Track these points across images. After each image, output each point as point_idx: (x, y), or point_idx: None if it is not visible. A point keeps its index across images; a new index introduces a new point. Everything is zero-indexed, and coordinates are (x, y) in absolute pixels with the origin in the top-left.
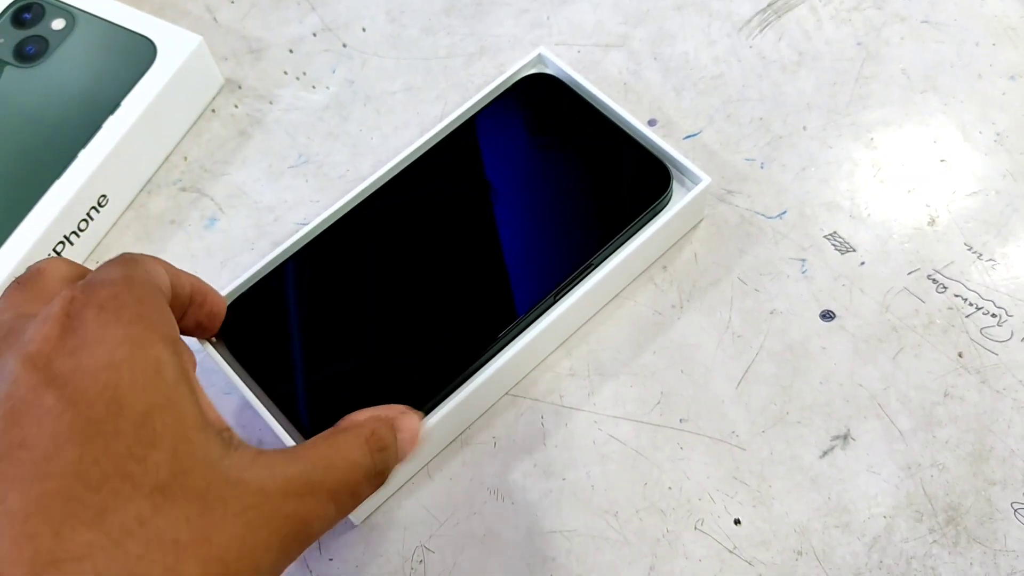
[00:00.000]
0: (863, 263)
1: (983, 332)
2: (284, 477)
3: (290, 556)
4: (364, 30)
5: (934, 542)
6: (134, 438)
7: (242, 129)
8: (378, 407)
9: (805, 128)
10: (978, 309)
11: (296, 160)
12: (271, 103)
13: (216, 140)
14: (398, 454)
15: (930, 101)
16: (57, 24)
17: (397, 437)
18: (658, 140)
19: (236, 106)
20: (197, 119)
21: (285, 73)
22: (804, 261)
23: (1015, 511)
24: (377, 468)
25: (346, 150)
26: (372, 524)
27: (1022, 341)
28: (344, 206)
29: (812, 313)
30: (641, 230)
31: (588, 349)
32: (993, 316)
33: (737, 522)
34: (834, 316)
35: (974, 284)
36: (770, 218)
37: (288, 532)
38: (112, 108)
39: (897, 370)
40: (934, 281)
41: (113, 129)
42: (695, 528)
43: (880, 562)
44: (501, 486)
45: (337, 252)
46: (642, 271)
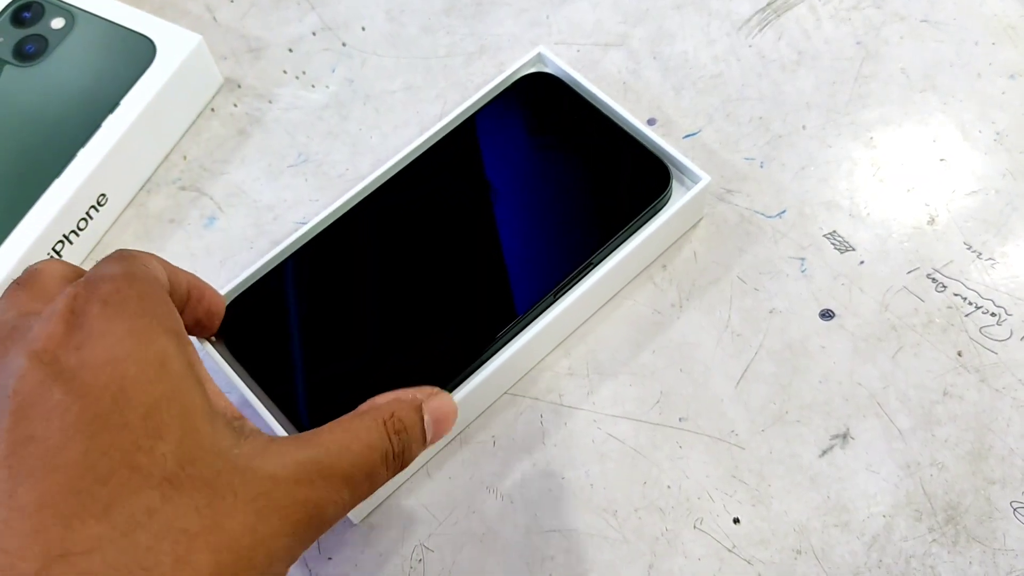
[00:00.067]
0: (862, 262)
1: (982, 331)
2: (295, 463)
3: (304, 542)
4: (364, 29)
5: (933, 541)
6: (141, 430)
7: (241, 128)
8: (404, 389)
9: (804, 127)
10: (977, 308)
11: (295, 159)
12: (270, 102)
13: (215, 139)
14: (425, 436)
15: (929, 100)
16: (56, 23)
17: (424, 419)
18: (657, 139)
19: (235, 105)
20: (196, 118)
21: (284, 72)
22: (803, 260)
23: (1014, 510)
24: (395, 451)
25: (345, 149)
26: (371, 523)
27: (1021, 340)
28: (343, 205)
29: (811, 312)
30: (640, 229)
31: (587, 348)
32: (992, 315)
33: (736, 521)
34: (833, 315)
35: (973, 283)
36: (769, 217)
37: (300, 518)
38: (111, 107)
39: (896, 369)
40: (933, 280)
41: (112, 128)
42: (694, 527)
43: (879, 561)
44: (500, 485)
45: (336, 251)
46: (641, 270)
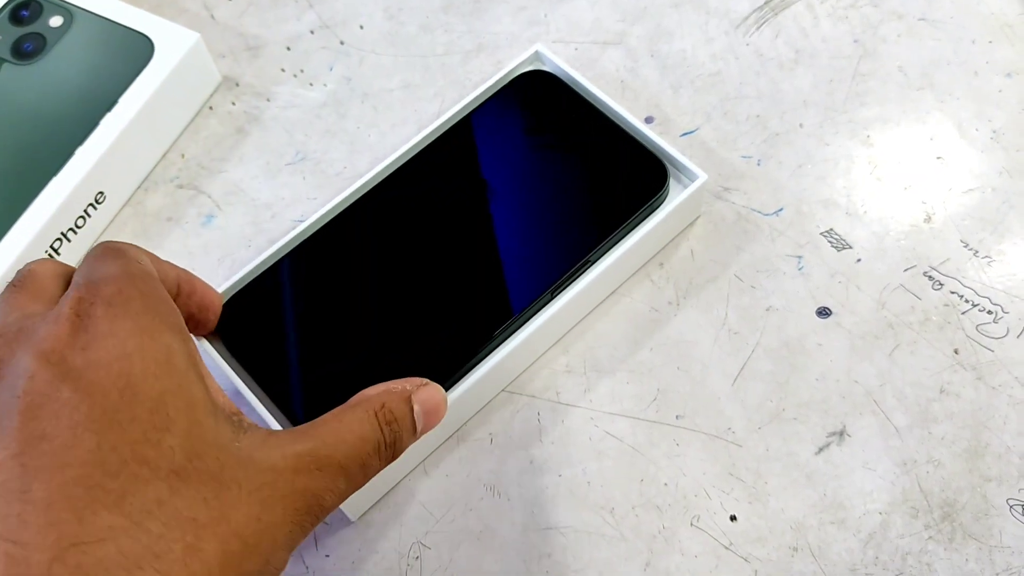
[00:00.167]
0: (859, 260)
1: (979, 329)
2: (294, 455)
3: (304, 530)
4: (362, 27)
5: (930, 538)
6: (149, 423)
7: (239, 126)
8: (393, 380)
9: (802, 125)
10: (974, 306)
11: (293, 157)
12: (268, 100)
13: (213, 137)
14: (416, 426)
15: (927, 98)
16: (55, 21)
17: (414, 410)
18: (655, 137)
19: (233, 103)
20: (194, 116)
21: (282, 70)
22: (800, 258)
23: (1010, 507)
24: (387, 441)
25: (343, 147)
26: (368, 520)
27: (1018, 338)
28: (341, 203)
29: (808, 310)
30: (638, 227)
31: (585, 346)
32: (989, 313)
33: (733, 518)
34: (830, 313)
35: (970, 281)
36: (767, 215)
37: (301, 507)
38: (109, 105)
39: (893, 367)
40: (930, 278)
41: (110, 126)
42: (691, 524)
43: (876, 558)
44: (497, 482)
45: (334, 249)
46: (639, 268)
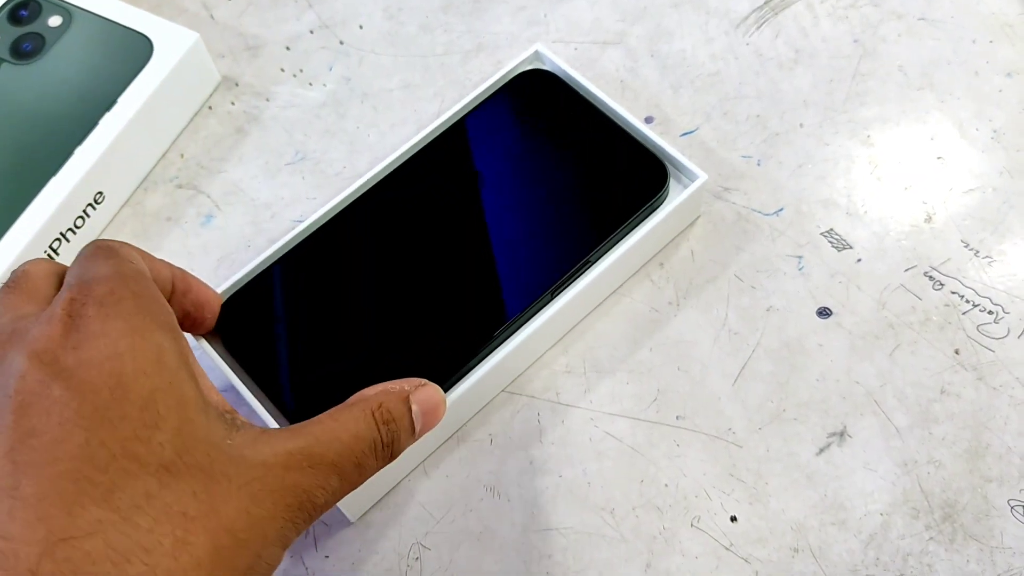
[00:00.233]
0: (860, 260)
1: (979, 329)
2: (285, 452)
3: (297, 527)
4: (361, 27)
5: (930, 539)
6: (139, 421)
7: (239, 126)
8: (392, 381)
9: (802, 125)
10: (975, 306)
11: (293, 157)
12: (268, 100)
13: (213, 137)
14: (414, 427)
15: (927, 98)
16: (54, 21)
17: (413, 410)
18: (655, 137)
19: (233, 103)
20: (194, 116)
21: (282, 70)
22: (801, 258)
23: (1011, 508)
24: (384, 441)
25: (343, 147)
26: (368, 521)
27: (1018, 338)
28: (341, 203)
29: (809, 310)
30: (638, 227)
31: (585, 346)
32: (990, 313)
33: (733, 519)
34: (831, 313)
35: (970, 281)
36: (767, 215)
37: (292, 503)
38: (108, 105)
39: (894, 367)
40: (931, 278)
41: (109, 126)
42: (691, 525)
43: (876, 559)
44: (497, 483)
45: (334, 249)
46: (639, 268)
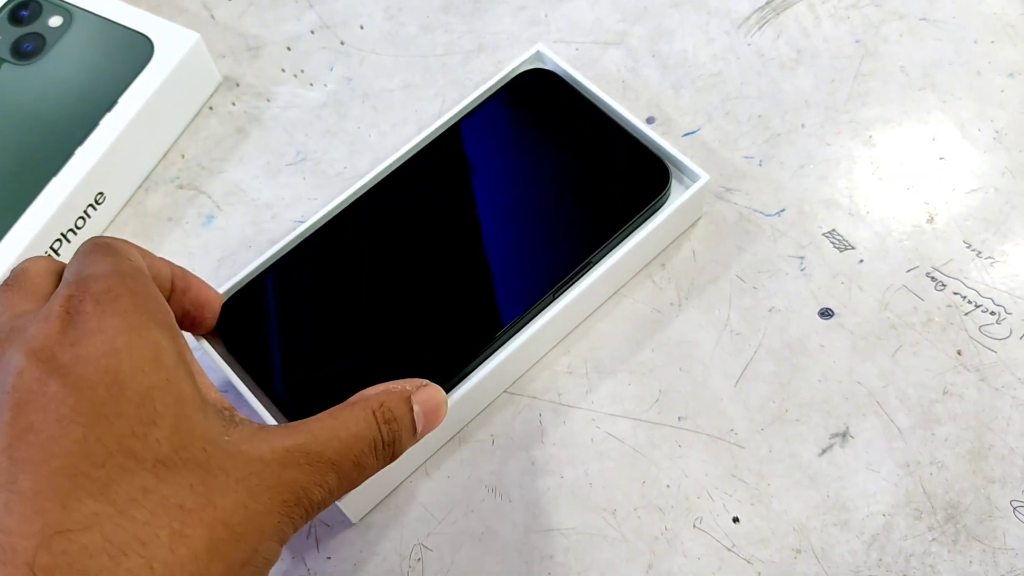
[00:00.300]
0: (862, 261)
1: (982, 330)
2: (283, 447)
3: (294, 523)
4: (362, 27)
5: (933, 540)
6: (135, 417)
7: (240, 127)
8: (393, 381)
9: (804, 126)
10: (977, 307)
11: (294, 158)
12: (269, 100)
13: (213, 137)
14: (416, 427)
15: (929, 98)
16: (54, 21)
17: (414, 410)
18: (656, 138)
19: (234, 104)
20: (194, 116)
21: (283, 70)
22: (803, 259)
23: (1014, 509)
24: (385, 440)
25: (344, 148)
26: (370, 522)
27: (1021, 339)
28: (341, 203)
29: (811, 311)
30: (639, 228)
31: (586, 347)
32: (992, 314)
33: (736, 520)
34: (833, 314)
35: (973, 282)
36: (768, 216)
37: (289, 499)
38: (109, 105)
39: (896, 368)
40: (933, 279)
41: (110, 126)
42: (693, 526)
43: (879, 560)
44: (499, 484)
45: (334, 249)
46: (640, 269)
